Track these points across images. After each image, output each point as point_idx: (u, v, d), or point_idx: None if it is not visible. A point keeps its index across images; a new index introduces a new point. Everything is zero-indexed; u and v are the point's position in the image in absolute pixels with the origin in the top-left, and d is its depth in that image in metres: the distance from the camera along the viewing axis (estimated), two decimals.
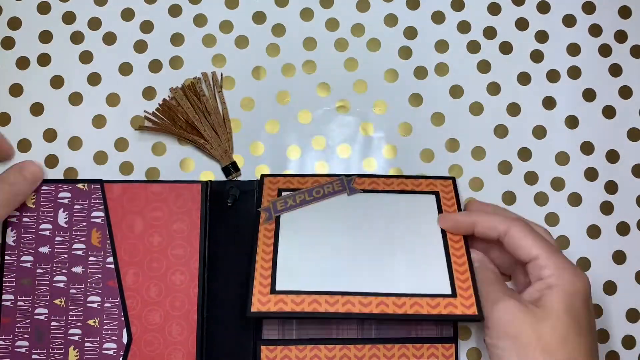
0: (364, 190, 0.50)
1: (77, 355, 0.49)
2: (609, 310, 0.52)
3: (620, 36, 0.55)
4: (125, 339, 0.50)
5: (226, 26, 0.55)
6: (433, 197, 0.50)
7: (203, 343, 0.50)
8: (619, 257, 0.53)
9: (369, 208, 0.49)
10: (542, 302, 0.42)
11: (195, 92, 0.53)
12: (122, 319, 0.50)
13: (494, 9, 0.55)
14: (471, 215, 0.47)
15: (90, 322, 0.50)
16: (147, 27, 0.54)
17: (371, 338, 0.49)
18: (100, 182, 0.51)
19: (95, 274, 0.50)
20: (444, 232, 0.48)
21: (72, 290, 0.50)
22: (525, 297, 0.44)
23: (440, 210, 0.49)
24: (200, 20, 0.55)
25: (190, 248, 0.50)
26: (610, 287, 0.53)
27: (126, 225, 0.51)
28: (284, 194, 0.50)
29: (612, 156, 0.54)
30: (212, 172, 0.53)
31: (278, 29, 0.55)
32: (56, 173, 0.52)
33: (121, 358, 0.49)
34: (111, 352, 0.49)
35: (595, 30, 0.55)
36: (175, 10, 0.55)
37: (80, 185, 0.51)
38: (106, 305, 0.50)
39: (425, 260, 0.46)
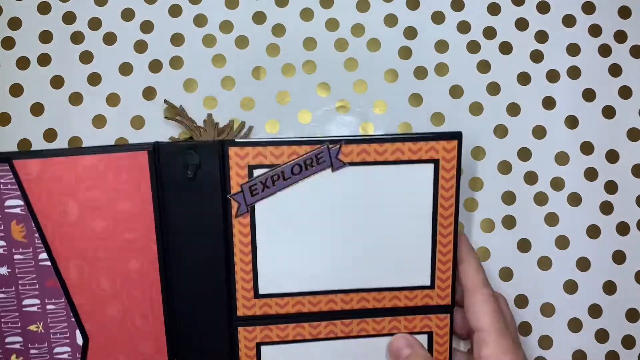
0: (351, 164, 0.43)
1: None
2: (609, 310, 0.52)
3: (620, 36, 0.55)
4: (80, 340, 0.44)
5: (226, 26, 0.55)
6: (431, 167, 0.44)
7: (173, 329, 0.45)
8: (619, 257, 0.53)
9: (355, 190, 0.44)
10: None
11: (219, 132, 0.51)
12: (72, 319, 0.43)
13: (494, 9, 0.55)
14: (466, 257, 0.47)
15: (32, 327, 0.43)
16: (147, 27, 0.54)
17: (360, 311, 0.46)
18: (7, 159, 0.41)
19: (27, 274, 0.42)
20: (434, 217, 0.45)
21: (0, 295, 0.43)
22: None
23: (436, 186, 0.44)
24: (200, 20, 0.55)
25: (144, 229, 0.43)
26: (610, 287, 0.53)
27: (56, 212, 0.41)
28: (255, 172, 0.43)
29: (612, 156, 0.54)
30: None
31: (278, 29, 0.55)
32: None
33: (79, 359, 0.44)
34: (65, 355, 0.44)
35: (595, 30, 0.55)
36: (175, 10, 0.55)
37: None
38: (49, 307, 0.43)
39: (410, 250, 0.45)
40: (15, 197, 0.41)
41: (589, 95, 0.54)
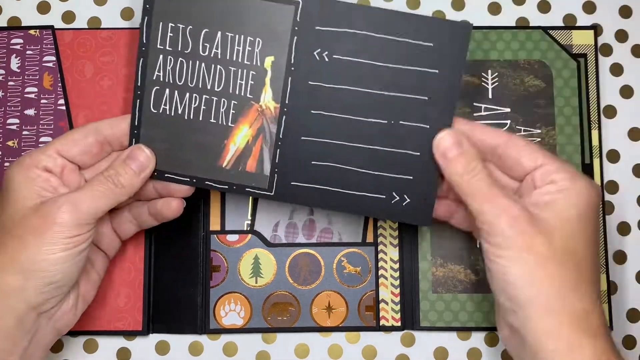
0: None
1: None
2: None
3: (621, 36, 0.55)
4: None
5: None
6: None
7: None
8: (619, 257, 0.53)
9: None
10: (551, 206, 0.39)
11: None
12: None
13: (494, 9, 0.55)
14: (471, 123, 0.44)
15: None
16: None
17: None
18: (52, 28, 0.53)
19: (47, 116, 0.52)
20: None
21: (24, 132, 0.52)
22: (530, 200, 0.40)
23: None
24: None
25: None
26: (610, 287, 0.52)
27: (77, 70, 0.53)
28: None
29: (612, 156, 0.54)
30: None
31: None
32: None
33: None
34: None
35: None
36: None
37: (32, 32, 0.53)
38: None
39: None
40: (51, 55, 0.53)
41: None
